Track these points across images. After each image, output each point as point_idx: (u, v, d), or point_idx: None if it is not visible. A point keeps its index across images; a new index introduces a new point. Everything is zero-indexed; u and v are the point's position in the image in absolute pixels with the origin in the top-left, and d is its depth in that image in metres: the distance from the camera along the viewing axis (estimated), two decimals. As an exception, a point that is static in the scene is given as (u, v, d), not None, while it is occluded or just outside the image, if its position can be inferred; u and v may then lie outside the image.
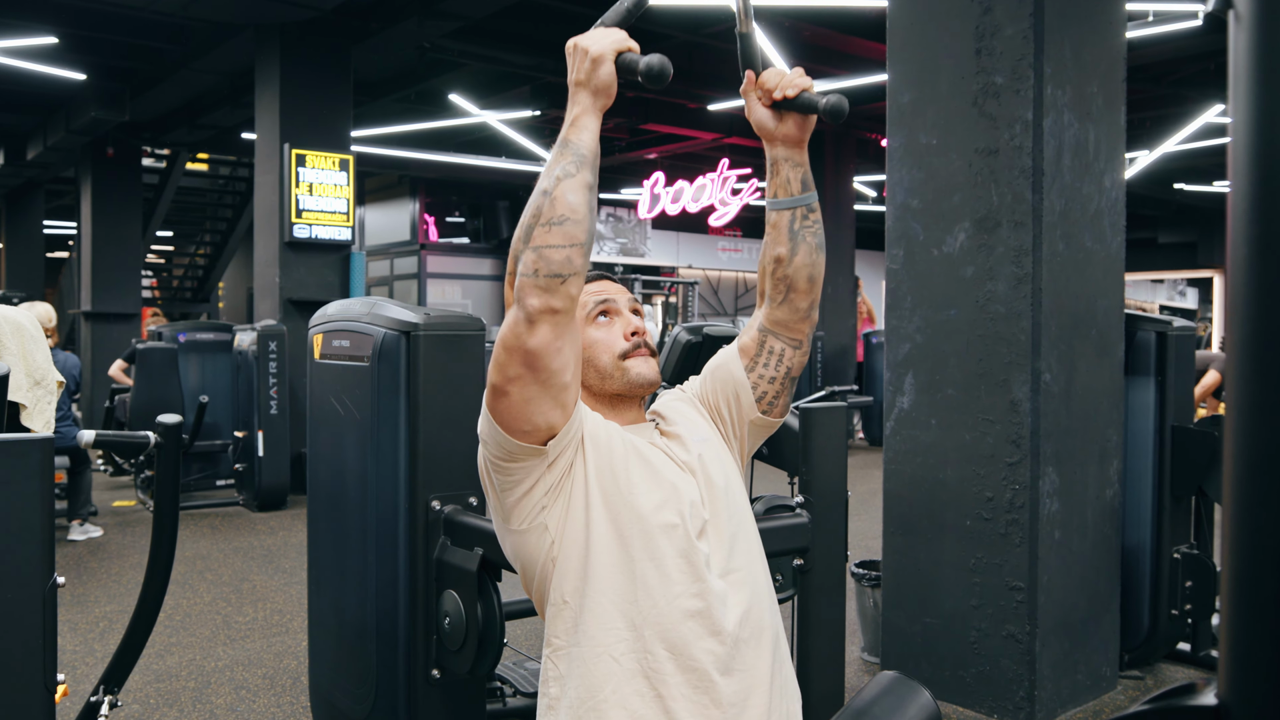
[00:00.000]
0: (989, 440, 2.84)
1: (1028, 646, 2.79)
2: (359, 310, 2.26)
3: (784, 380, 1.58)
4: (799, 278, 1.54)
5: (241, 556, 5.30)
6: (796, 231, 1.53)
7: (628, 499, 1.39)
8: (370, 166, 12.91)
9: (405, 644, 2.10)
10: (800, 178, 1.51)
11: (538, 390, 1.32)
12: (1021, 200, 2.80)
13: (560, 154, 1.31)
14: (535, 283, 1.27)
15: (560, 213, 1.28)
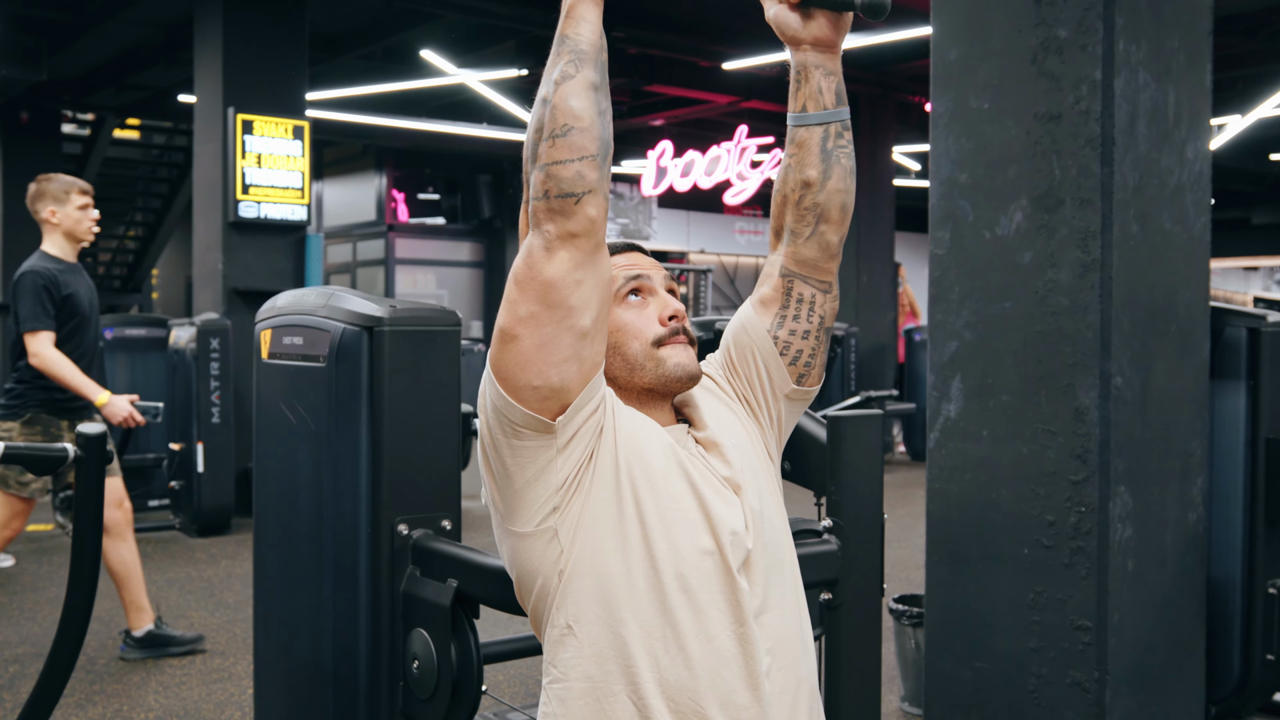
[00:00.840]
0: (1050, 454, 2.84)
1: (1096, 696, 2.79)
2: (314, 302, 2.27)
3: (818, 334, 1.57)
4: (831, 205, 1.53)
5: (177, 589, 5.31)
6: (830, 151, 1.53)
7: (665, 513, 1.37)
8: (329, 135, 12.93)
9: (367, 692, 2.11)
10: (834, 88, 1.52)
11: (553, 331, 1.30)
12: (1088, 174, 2.80)
13: (557, 53, 1.32)
14: (547, 205, 1.29)
15: (563, 122, 1.29)
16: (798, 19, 1.48)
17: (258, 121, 7.17)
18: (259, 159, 7.17)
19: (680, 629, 1.34)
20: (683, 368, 1.48)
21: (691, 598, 1.35)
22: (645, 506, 1.37)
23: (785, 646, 1.41)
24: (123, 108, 11.55)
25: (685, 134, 13.88)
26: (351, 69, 10.51)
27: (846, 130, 1.53)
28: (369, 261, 15.87)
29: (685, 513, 1.38)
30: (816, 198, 1.52)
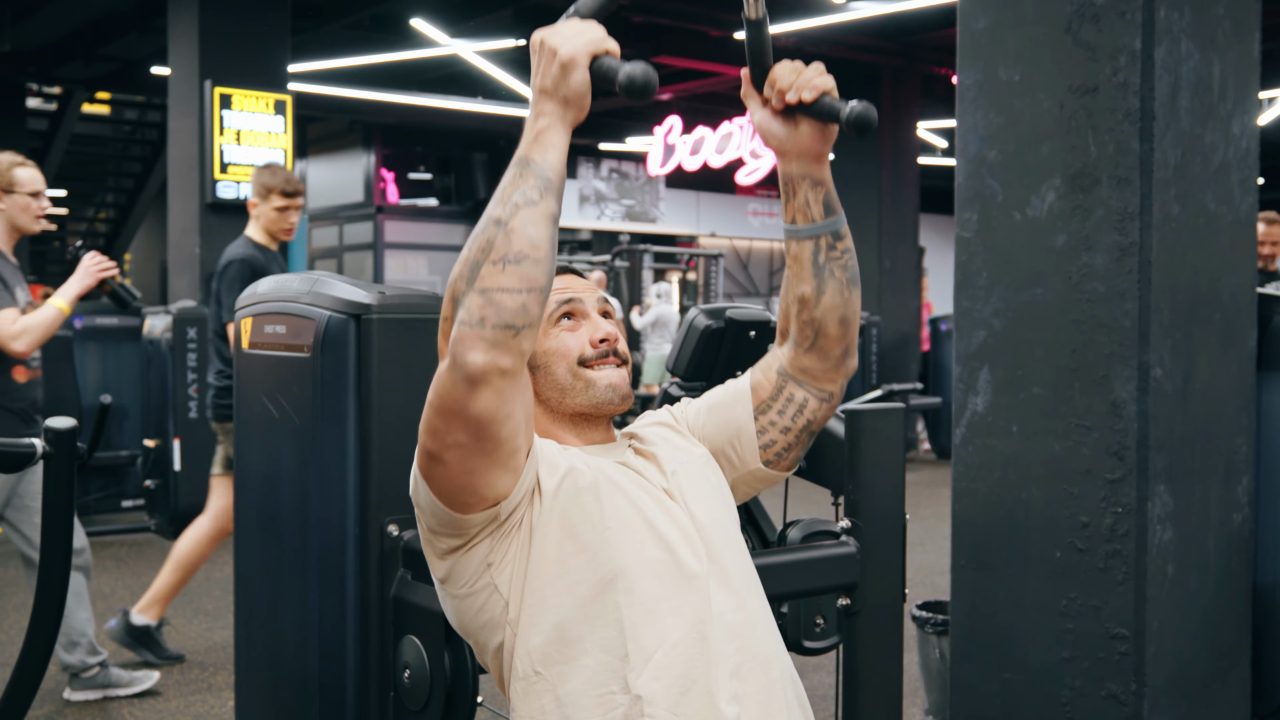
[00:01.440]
0: (1084, 451, 2.84)
1: (1134, 710, 2.80)
2: (297, 288, 2.28)
3: (800, 433, 1.63)
4: (829, 321, 1.58)
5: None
6: (822, 266, 1.57)
7: (603, 539, 1.43)
8: (314, 110, 12.94)
9: (355, 703, 2.12)
10: (821, 199, 1.55)
11: (483, 461, 1.36)
12: (1126, 151, 2.80)
13: (520, 175, 1.32)
14: (481, 334, 1.27)
15: (518, 249, 1.29)
16: (782, 127, 1.51)
17: (236, 95, 7.18)
18: (238, 135, 7.18)
19: (644, 644, 1.39)
20: (614, 389, 1.55)
21: (649, 610, 1.40)
22: (580, 534, 1.42)
23: (751, 644, 1.45)
24: (92, 80, 11.57)
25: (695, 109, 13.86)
26: (337, 39, 10.51)
27: (840, 239, 1.56)
28: (356, 246, 15.89)
29: (627, 528, 1.43)
30: (813, 313, 1.57)
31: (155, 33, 9.03)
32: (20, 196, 3.95)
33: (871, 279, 10.91)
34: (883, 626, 2.08)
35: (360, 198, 15.69)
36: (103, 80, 11.61)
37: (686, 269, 16.57)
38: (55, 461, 2.09)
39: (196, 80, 7.15)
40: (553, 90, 1.34)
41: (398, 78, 12.38)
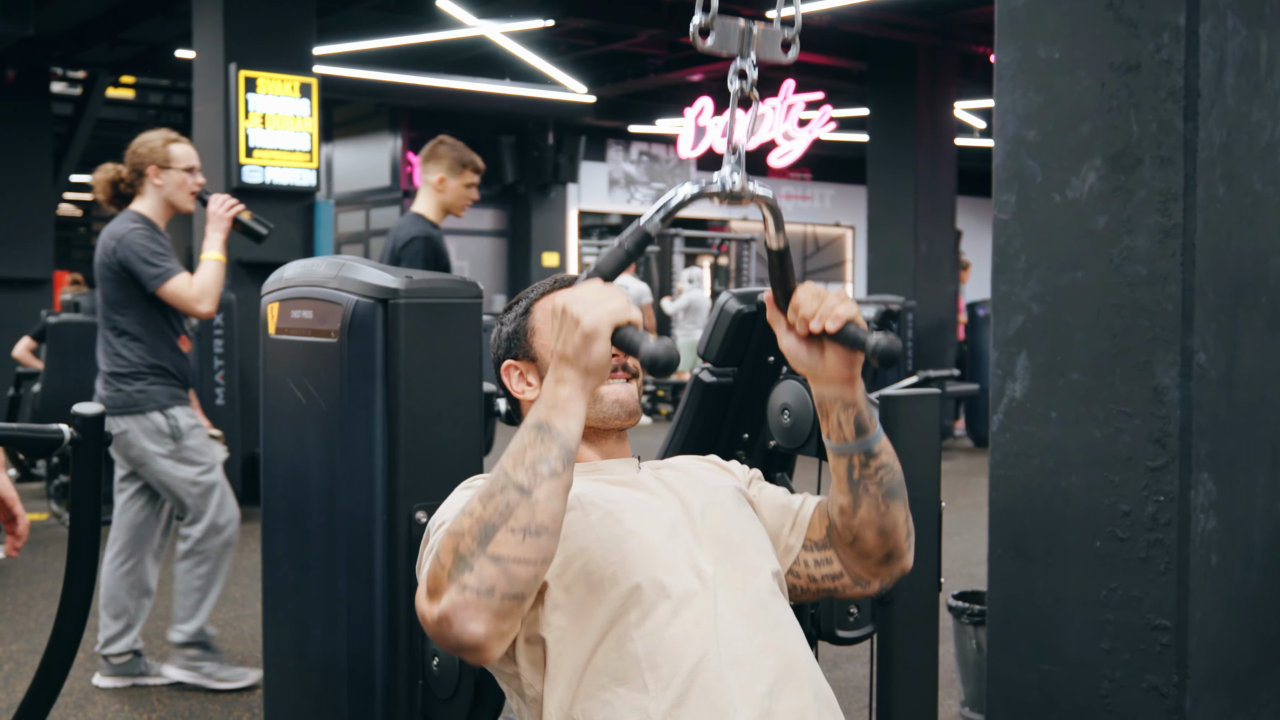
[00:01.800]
0: (1125, 438, 2.83)
1: (1175, 703, 2.78)
2: (324, 273, 2.29)
3: (820, 592, 1.71)
4: (865, 533, 1.60)
5: (180, 583, 5.38)
6: (857, 482, 1.59)
7: (610, 566, 1.45)
8: (340, 93, 12.99)
9: (384, 691, 2.14)
10: (852, 420, 1.56)
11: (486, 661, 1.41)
12: (1170, 130, 2.77)
13: (541, 441, 1.32)
14: (489, 605, 1.28)
15: (541, 521, 1.30)
16: (809, 355, 1.53)
17: (262, 78, 7.21)
18: (263, 119, 7.22)
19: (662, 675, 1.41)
20: (620, 404, 1.59)
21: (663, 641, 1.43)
22: (592, 573, 1.46)
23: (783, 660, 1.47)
24: (116, 65, 11.65)
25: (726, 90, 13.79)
26: (362, 20, 10.54)
27: (873, 457, 1.59)
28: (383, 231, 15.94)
29: (634, 554, 1.47)
30: (850, 522, 1.61)
31: (179, 16, 9.08)
32: (176, 173, 4.02)
33: (907, 263, 10.86)
34: (917, 616, 2.08)
35: (387, 182, 15.74)
36: (127, 64, 11.69)
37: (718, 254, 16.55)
38: (83, 448, 2.11)
39: (221, 64, 7.19)
40: (574, 359, 1.35)
41: (425, 60, 12.40)
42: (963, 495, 7.64)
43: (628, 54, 12.47)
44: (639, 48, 11.95)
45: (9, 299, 11.14)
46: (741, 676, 1.40)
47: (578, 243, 17.34)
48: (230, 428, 6.49)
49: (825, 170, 18.65)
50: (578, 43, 11.99)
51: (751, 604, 1.48)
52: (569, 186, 16.22)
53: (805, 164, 17.39)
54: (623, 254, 1.48)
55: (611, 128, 16.22)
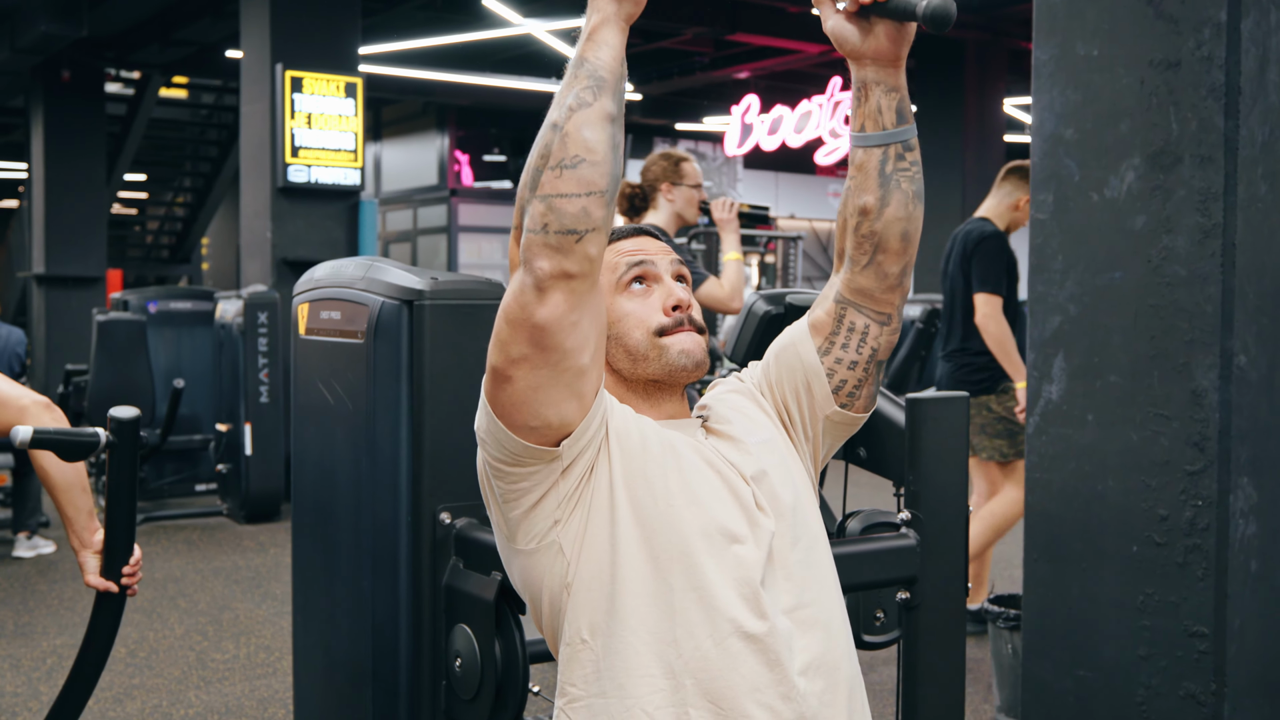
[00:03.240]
0: (1163, 442, 2.79)
1: (1213, 710, 2.74)
2: (352, 273, 2.31)
3: (868, 365, 1.59)
4: (890, 234, 1.55)
5: (223, 579, 5.45)
6: (889, 175, 1.54)
7: (665, 513, 1.41)
8: (387, 92, 13.09)
9: (408, 690, 2.15)
10: (895, 105, 1.52)
11: (548, 374, 1.34)
12: (1210, 128, 2.73)
13: (574, 77, 1.33)
14: (545, 240, 1.29)
15: (574, 152, 1.29)
16: (856, 31, 1.49)
17: (308, 78, 7.27)
18: (309, 119, 7.28)
19: (695, 631, 1.38)
20: (688, 354, 1.53)
21: (703, 596, 1.39)
22: (644, 509, 1.41)
23: (826, 645, 1.43)
24: (168, 65, 11.80)
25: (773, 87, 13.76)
26: (409, 20, 10.61)
27: (910, 150, 1.54)
28: (430, 229, 16.04)
29: (691, 506, 1.42)
30: (874, 225, 1.54)
31: (229, 17, 9.17)
32: (686, 189, 4.26)
33: (955, 262, 10.75)
34: (944, 622, 2.06)
35: (434, 180, 15.83)
36: (179, 65, 11.83)
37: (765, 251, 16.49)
38: (118, 450, 2.14)
39: (268, 63, 7.26)
40: None
41: (471, 59, 12.45)
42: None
43: (674, 51, 12.45)
44: (685, 45, 11.94)
45: (63, 296, 11.31)
46: (777, 654, 1.37)
47: (624, 241, 17.32)
48: (274, 426, 6.56)
49: (874, 168, 18.50)
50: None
51: (798, 584, 1.44)
52: (616, 184, 16.21)
53: (853, 161, 17.31)
54: None
55: (658, 125, 16.21)
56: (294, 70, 7.21)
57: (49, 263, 11.28)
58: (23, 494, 5.95)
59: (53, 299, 11.36)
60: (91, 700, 3.75)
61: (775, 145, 12.96)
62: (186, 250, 15.84)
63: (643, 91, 13.59)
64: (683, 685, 1.36)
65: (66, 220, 11.33)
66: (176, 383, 6.55)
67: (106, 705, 3.76)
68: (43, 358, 11.20)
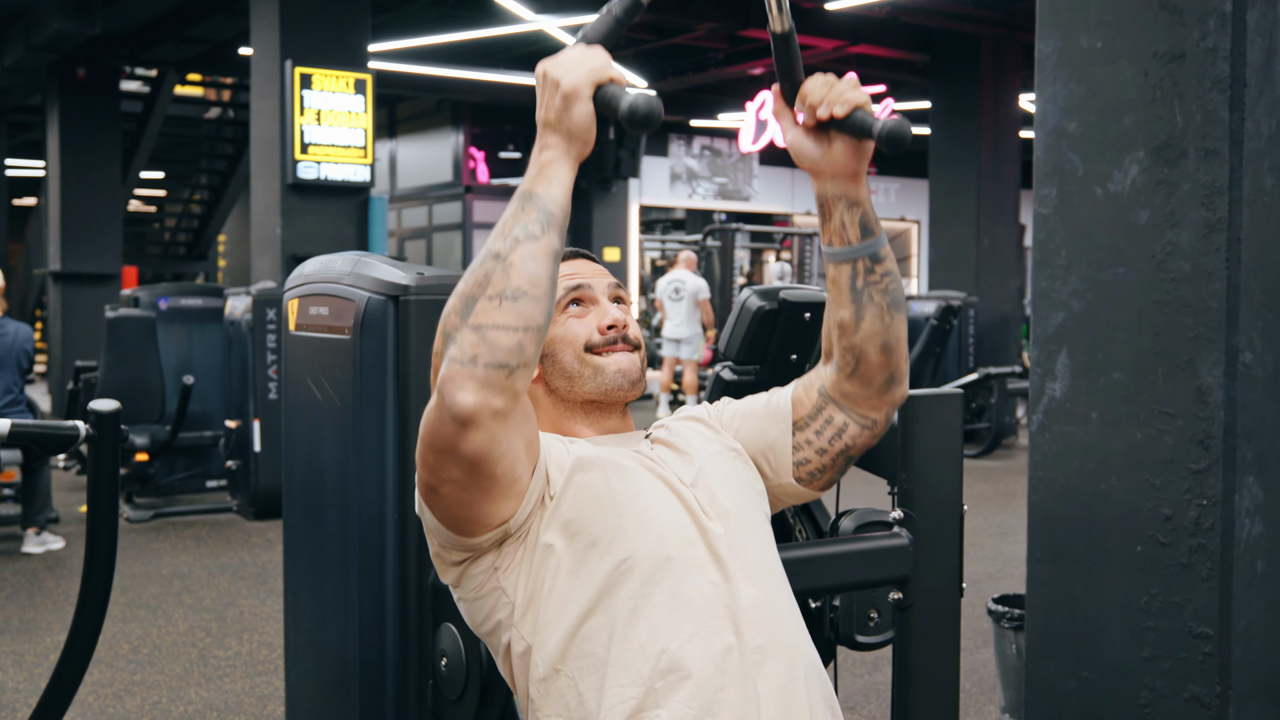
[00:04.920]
0: (1167, 440, 2.75)
1: (1218, 713, 2.70)
2: (340, 269, 2.29)
3: (837, 456, 1.60)
4: (869, 348, 1.53)
5: (229, 576, 5.45)
6: (860, 290, 1.52)
7: (614, 527, 1.42)
8: (401, 89, 13.10)
9: (395, 689, 2.13)
10: (858, 220, 1.50)
11: (480, 495, 1.35)
12: (1215, 121, 2.69)
13: (521, 209, 1.30)
14: (473, 373, 1.25)
15: (517, 284, 1.26)
16: (815, 146, 1.47)
17: (317, 75, 7.27)
18: (318, 115, 7.27)
19: (660, 635, 1.36)
20: (624, 374, 1.54)
21: (665, 604, 1.38)
22: (593, 529, 1.40)
23: (778, 637, 1.42)
24: (183, 63, 11.82)
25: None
26: (421, 16, 10.60)
27: (879, 262, 1.51)
28: (445, 226, 16.05)
29: (639, 517, 1.43)
30: (853, 340, 1.53)
31: (241, 14, 9.19)
32: None
33: (969, 258, 10.70)
34: (937, 623, 2.02)
35: (449, 177, 15.82)
36: (192, 62, 11.85)
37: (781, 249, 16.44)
38: (99, 444, 2.12)
39: (277, 60, 7.26)
40: (556, 123, 1.32)
41: (485, 55, 12.44)
42: (1023, 496, 7.52)
43: (688, 48, 12.42)
44: (699, 41, 11.90)
45: (79, 293, 11.35)
46: (740, 652, 1.36)
47: (639, 238, 17.33)
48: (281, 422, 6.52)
49: (890, 163, 18.46)
50: (637, 37, 11.98)
51: (757, 582, 1.43)
52: (630, 181, 16.19)
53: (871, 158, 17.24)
54: (611, 19, 1.44)
55: (673, 122, 16.19)
56: (303, 67, 7.21)
57: (65, 260, 11.32)
58: (32, 490, 5.96)
59: (69, 296, 11.41)
60: (92, 697, 3.76)
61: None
62: (203, 247, 15.88)
63: (657, 88, 13.56)
64: (654, 690, 1.34)
65: (82, 217, 11.37)
66: (186, 379, 6.55)
67: (106, 702, 3.75)
68: (59, 354, 11.24)
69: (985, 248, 10.66)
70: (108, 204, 11.61)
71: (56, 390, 11.13)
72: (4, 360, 5.67)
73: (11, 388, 5.69)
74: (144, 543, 6.19)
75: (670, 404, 12.15)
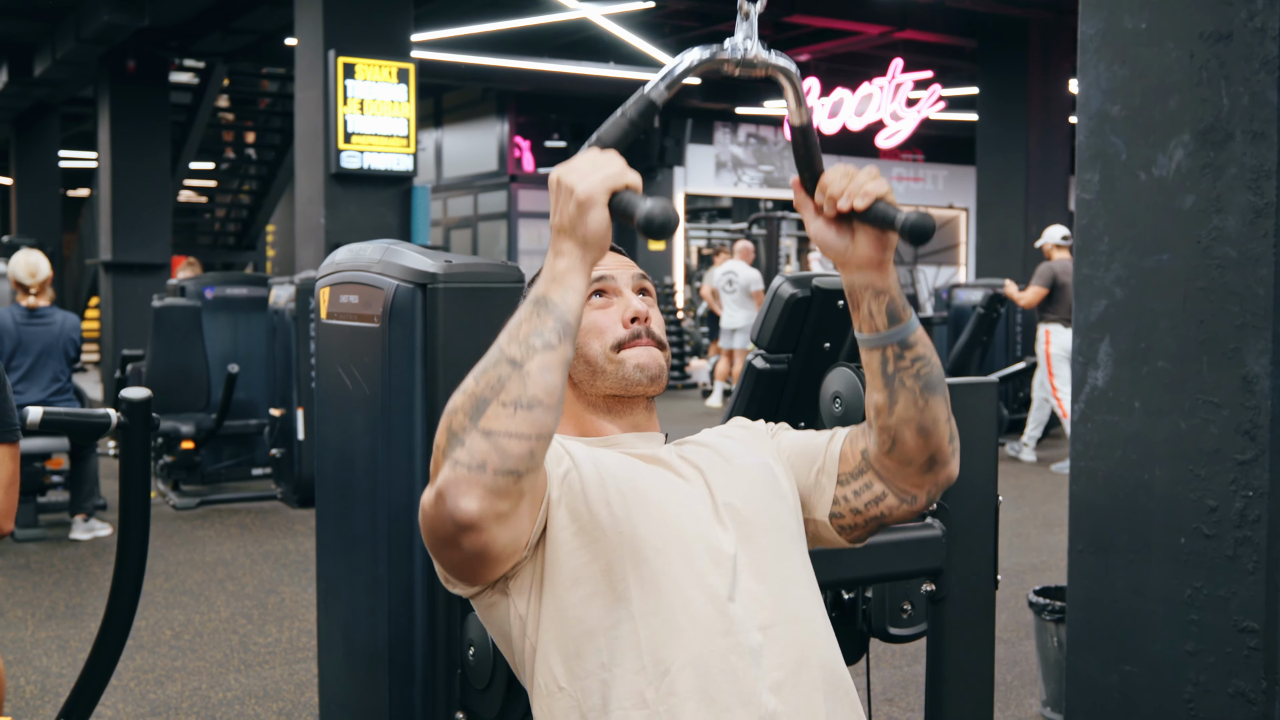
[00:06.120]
0: (1213, 430, 2.69)
1: (1264, 709, 2.65)
2: (370, 257, 2.29)
3: (871, 521, 1.58)
4: (904, 432, 1.50)
5: (272, 563, 5.49)
6: (891, 376, 1.49)
7: (628, 541, 1.41)
8: (446, 78, 13.14)
9: (423, 678, 2.13)
10: (884, 308, 1.47)
11: (484, 567, 1.35)
12: (1263, 103, 2.63)
13: (537, 315, 1.28)
14: (480, 480, 1.23)
15: (533, 394, 1.25)
16: (838, 238, 1.45)
17: (360, 65, 7.30)
18: (361, 105, 7.30)
19: (662, 656, 1.35)
20: (643, 369, 1.52)
21: (668, 620, 1.37)
22: (596, 541, 1.39)
23: (798, 657, 1.40)
24: (230, 54, 11.92)
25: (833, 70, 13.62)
26: (465, 5, 10.63)
27: (909, 348, 1.47)
28: (490, 215, 16.10)
29: (649, 528, 1.40)
30: (887, 422, 1.49)
31: (285, 4, 9.24)
32: None
33: (1017, 245, 10.58)
34: (971, 615, 1.99)
35: (494, 166, 15.87)
36: (240, 53, 11.95)
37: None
38: (130, 431, 2.13)
39: (320, 50, 7.28)
40: (570, 230, 1.30)
41: (530, 44, 12.46)
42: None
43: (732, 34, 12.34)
44: (744, 29, 11.81)
45: (129, 283, 11.50)
46: (747, 669, 1.35)
47: (685, 226, 17.28)
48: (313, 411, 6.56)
49: (938, 151, 18.30)
50: (681, 24, 11.93)
51: (770, 592, 1.42)
52: (675, 170, 16.17)
53: (917, 145, 17.08)
54: (625, 122, 1.43)
55: (718, 110, 16.12)
56: (346, 57, 7.24)
57: (116, 250, 11.46)
58: (80, 477, 6.04)
59: (119, 285, 11.56)
60: (134, 682, 3.80)
61: (836, 128, 12.83)
62: (251, 237, 16.03)
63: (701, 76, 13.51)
64: (658, 714, 1.34)
65: (133, 208, 11.51)
66: (231, 368, 6.61)
67: (148, 687, 3.79)
68: (111, 344, 11.39)
69: (1034, 235, 10.53)
70: (157, 194, 11.74)
71: (108, 379, 11.28)
72: (51, 349, 5.74)
73: (59, 376, 5.76)
74: (189, 530, 6.26)
75: (724, 394, 12.13)
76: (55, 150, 15.74)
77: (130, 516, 2.20)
